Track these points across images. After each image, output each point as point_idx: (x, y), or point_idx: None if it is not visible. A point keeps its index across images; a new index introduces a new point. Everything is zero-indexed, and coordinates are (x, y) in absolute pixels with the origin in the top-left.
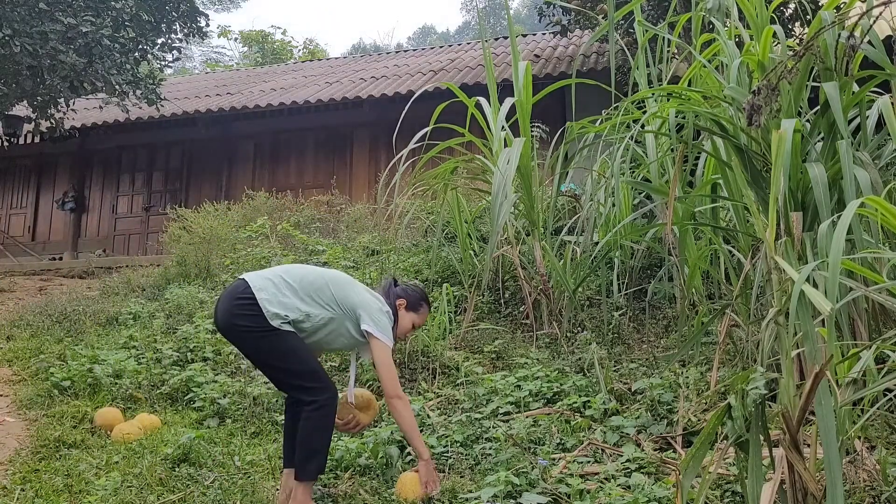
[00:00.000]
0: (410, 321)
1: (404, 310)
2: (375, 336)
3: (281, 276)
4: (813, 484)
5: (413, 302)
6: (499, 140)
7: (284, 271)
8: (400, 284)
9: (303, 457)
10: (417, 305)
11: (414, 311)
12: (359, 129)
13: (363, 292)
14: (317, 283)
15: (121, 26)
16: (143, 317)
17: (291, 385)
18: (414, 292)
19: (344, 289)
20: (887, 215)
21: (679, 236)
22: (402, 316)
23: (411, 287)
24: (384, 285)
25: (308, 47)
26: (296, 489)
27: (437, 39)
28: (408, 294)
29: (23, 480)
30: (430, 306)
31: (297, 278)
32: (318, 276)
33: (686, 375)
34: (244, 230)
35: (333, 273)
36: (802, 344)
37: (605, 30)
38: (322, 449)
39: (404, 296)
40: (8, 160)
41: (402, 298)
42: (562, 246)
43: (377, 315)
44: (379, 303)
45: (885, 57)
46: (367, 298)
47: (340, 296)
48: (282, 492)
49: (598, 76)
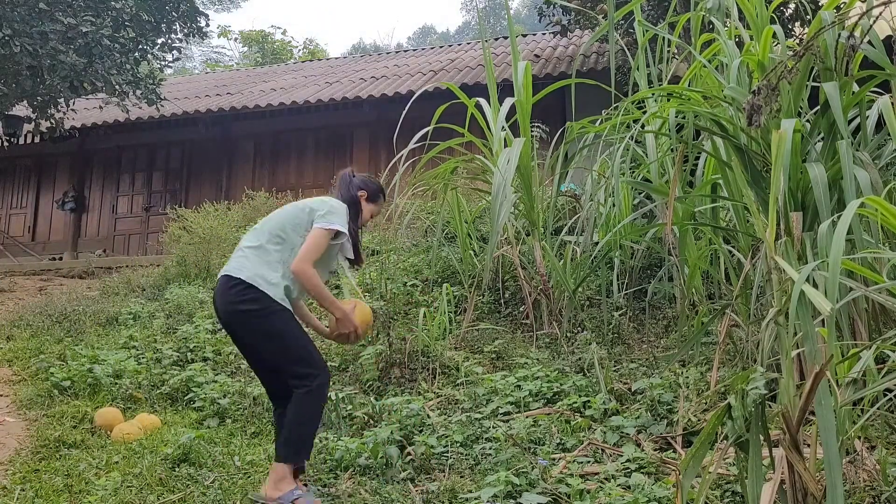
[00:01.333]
0: (370, 211)
1: (365, 201)
2: (320, 226)
3: (244, 248)
4: (813, 484)
5: (373, 193)
6: (499, 140)
7: (244, 243)
8: (358, 176)
9: (286, 439)
10: (376, 196)
11: (373, 202)
12: (359, 129)
13: (308, 204)
14: (274, 230)
15: (121, 26)
16: (143, 317)
17: (288, 370)
18: (373, 184)
19: (295, 216)
20: (887, 215)
21: (679, 236)
22: (364, 206)
23: (370, 179)
24: (343, 178)
25: (308, 47)
26: (275, 467)
27: (437, 39)
28: (368, 186)
29: (23, 480)
30: (386, 198)
31: (256, 238)
32: (272, 223)
33: (686, 375)
34: (244, 230)
35: (281, 211)
36: (802, 344)
37: (605, 30)
38: (311, 435)
39: (365, 187)
40: (8, 160)
41: (363, 190)
42: (562, 246)
43: (329, 216)
44: (328, 203)
45: (885, 57)
46: (314, 206)
47: (296, 222)
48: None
49: (598, 76)
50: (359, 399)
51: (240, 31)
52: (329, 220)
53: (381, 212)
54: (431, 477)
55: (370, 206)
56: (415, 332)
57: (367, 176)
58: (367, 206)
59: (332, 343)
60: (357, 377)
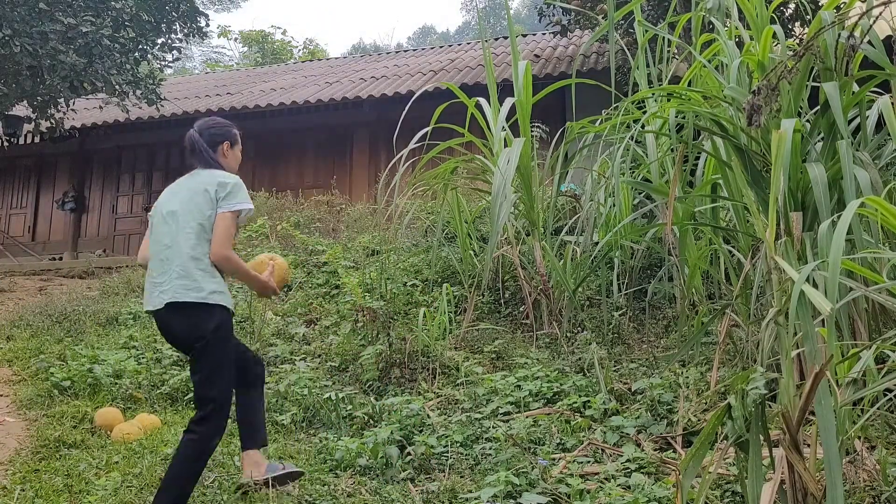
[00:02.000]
0: (238, 157)
1: (230, 149)
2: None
3: (160, 260)
4: (813, 484)
5: (231, 137)
6: (499, 140)
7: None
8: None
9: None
10: (234, 138)
11: (236, 143)
12: (359, 129)
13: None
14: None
15: (121, 26)
16: (143, 317)
17: (205, 402)
18: (223, 127)
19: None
20: (887, 215)
21: (679, 236)
22: (230, 156)
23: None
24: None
25: (308, 47)
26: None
27: (437, 39)
28: (223, 134)
29: (23, 480)
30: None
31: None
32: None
33: (686, 375)
34: (244, 230)
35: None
36: (802, 344)
37: (605, 30)
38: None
39: (221, 138)
40: (8, 160)
41: (223, 141)
42: (562, 246)
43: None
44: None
45: (885, 57)
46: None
47: (201, 210)
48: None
49: (598, 76)
50: (359, 399)
51: (240, 31)
52: (236, 201)
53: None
54: (431, 477)
55: (236, 153)
56: (415, 332)
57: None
58: (234, 154)
59: (331, 343)
60: (357, 377)
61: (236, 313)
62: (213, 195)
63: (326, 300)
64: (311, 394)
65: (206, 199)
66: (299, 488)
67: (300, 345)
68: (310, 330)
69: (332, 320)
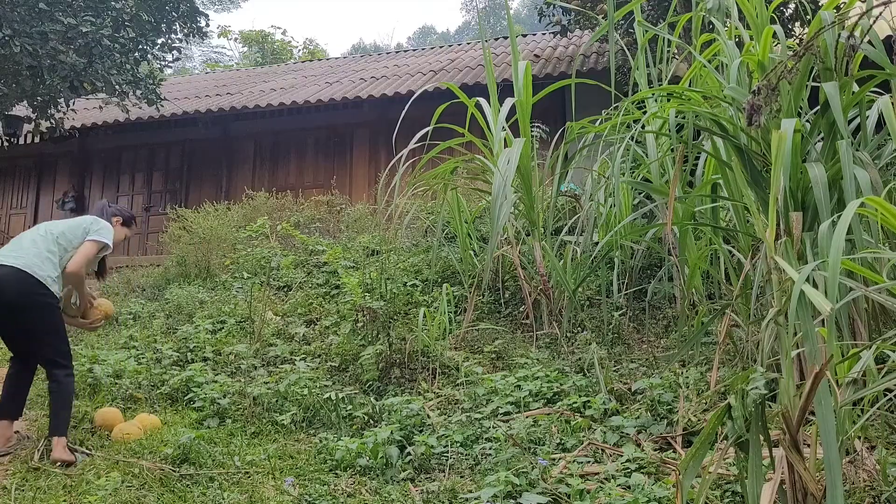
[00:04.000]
0: (123, 233)
1: (120, 225)
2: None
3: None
4: (813, 484)
5: (126, 219)
6: (499, 140)
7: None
8: (113, 205)
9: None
10: (130, 222)
11: (127, 226)
12: (359, 129)
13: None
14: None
15: (121, 26)
16: (143, 317)
17: (52, 360)
18: (127, 212)
19: (74, 229)
20: (887, 215)
21: (679, 236)
22: (117, 229)
23: (124, 209)
24: (99, 207)
25: (308, 47)
26: (57, 444)
27: (437, 39)
28: (122, 213)
29: (22, 480)
30: (137, 223)
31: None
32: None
33: (686, 375)
34: (244, 230)
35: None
36: (802, 344)
37: (605, 30)
38: (70, 409)
39: (120, 214)
40: (8, 160)
41: (117, 216)
42: (562, 246)
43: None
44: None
45: (885, 57)
46: (83, 220)
47: (74, 234)
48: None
49: (598, 76)
50: (359, 399)
51: (240, 31)
52: (101, 235)
53: (131, 236)
54: (431, 477)
55: (123, 230)
56: (415, 332)
57: (124, 207)
58: (120, 229)
59: (331, 343)
60: (357, 377)
61: (237, 314)
62: (86, 229)
63: (326, 300)
64: (311, 394)
65: (80, 229)
66: (299, 488)
67: (300, 345)
68: (310, 330)
69: (332, 320)
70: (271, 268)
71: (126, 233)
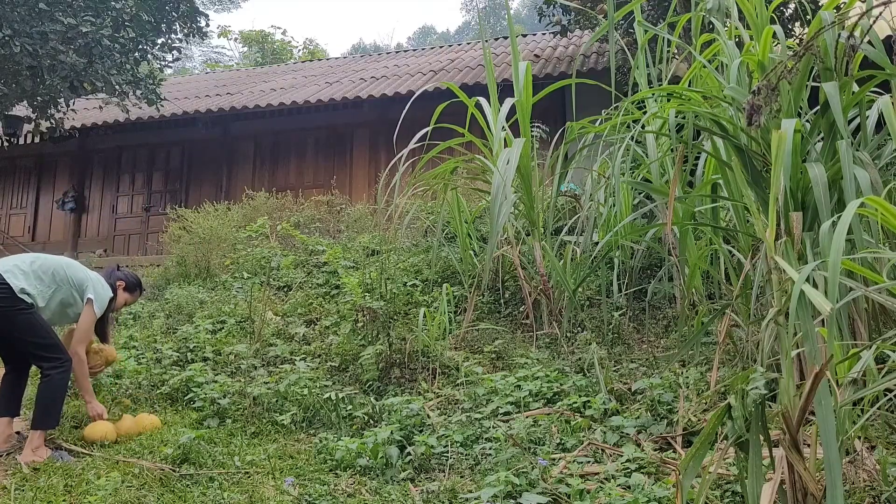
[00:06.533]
0: (124, 299)
1: (122, 290)
2: (92, 303)
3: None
4: (813, 484)
5: (130, 285)
6: (499, 140)
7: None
8: (122, 269)
9: (44, 411)
10: (133, 288)
11: (130, 292)
12: (359, 129)
13: (89, 272)
14: (50, 268)
15: (121, 26)
16: (143, 317)
17: (36, 354)
18: (132, 277)
19: (74, 270)
20: (887, 215)
21: (679, 236)
22: (119, 294)
23: (130, 274)
24: (107, 270)
25: (308, 47)
26: (32, 435)
27: (437, 39)
28: (127, 278)
29: (22, 480)
30: (143, 291)
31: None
32: (51, 261)
33: (686, 375)
34: (244, 230)
35: (56, 259)
36: (802, 344)
37: (605, 30)
38: (60, 404)
39: (124, 279)
40: (8, 160)
41: (122, 281)
42: (562, 246)
43: (100, 289)
44: (101, 281)
45: (885, 57)
46: (92, 276)
47: (71, 273)
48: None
49: (598, 76)
50: (359, 399)
51: (240, 31)
52: (96, 299)
53: (135, 300)
54: (431, 477)
55: (126, 295)
56: (415, 332)
57: (131, 272)
58: (122, 294)
59: (331, 343)
60: (357, 377)
61: (237, 314)
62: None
63: (326, 300)
64: (311, 394)
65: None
66: (299, 488)
67: (300, 345)
68: (310, 330)
69: (332, 320)
70: (271, 268)
71: (128, 298)
